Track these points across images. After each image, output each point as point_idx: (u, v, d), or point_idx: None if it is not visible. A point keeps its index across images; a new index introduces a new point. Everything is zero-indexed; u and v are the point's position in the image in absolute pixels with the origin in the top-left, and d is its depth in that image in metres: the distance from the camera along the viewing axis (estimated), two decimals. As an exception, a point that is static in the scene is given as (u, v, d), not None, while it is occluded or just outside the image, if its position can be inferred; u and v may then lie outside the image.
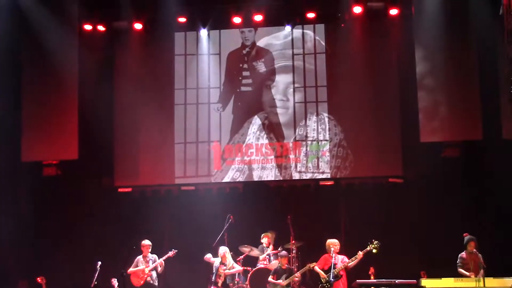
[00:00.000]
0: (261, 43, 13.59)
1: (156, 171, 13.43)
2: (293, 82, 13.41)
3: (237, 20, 13.22)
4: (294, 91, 13.40)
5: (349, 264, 10.31)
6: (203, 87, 13.60)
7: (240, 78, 13.61)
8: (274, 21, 13.31)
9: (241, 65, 13.61)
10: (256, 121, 13.50)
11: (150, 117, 13.55)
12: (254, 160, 13.36)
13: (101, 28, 13.38)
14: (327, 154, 13.08)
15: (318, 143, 13.16)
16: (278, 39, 13.54)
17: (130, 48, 13.60)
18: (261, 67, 13.55)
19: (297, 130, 13.33)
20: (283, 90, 13.45)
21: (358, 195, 12.86)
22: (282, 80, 13.47)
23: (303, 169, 13.18)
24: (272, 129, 13.43)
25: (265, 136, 13.42)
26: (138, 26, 13.34)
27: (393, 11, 12.80)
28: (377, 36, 13.07)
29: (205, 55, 13.63)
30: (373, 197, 12.60)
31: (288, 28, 13.27)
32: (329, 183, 13.08)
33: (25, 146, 12.73)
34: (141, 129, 13.57)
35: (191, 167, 13.42)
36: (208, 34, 13.54)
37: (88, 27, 13.29)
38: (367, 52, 13.04)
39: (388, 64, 13.09)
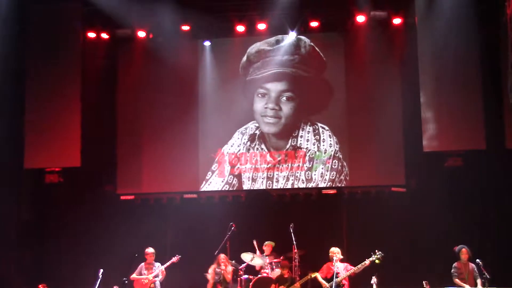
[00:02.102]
0: (252, 49, 13.41)
1: (158, 179, 13.41)
2: (286, 91, 13.27)
3: (240, 28, 13.21)
4: (287, 99, 13.28)
5: (355, 270, 10.28)
6: (202, 95, 13.56)
7: (232, 86, 13.50)
8: (277, 30, 13.21)
9: (234, 72, 13.47)
10: (247, 130, 13.46)
11: (152, 125, 13.55)
12: (245, 169, 13.26)
13: (104, 36, 13.41)
14: (330, 163, 13.03)
15: (317, 152, 13.09)
16: (270, 45, 13.32)
17: (133, 56, 13.63)
18: (253, 74, 13.40)
19: (290, 141, 13.25)
20: (275, 99, 13.31)
21: (360, 204, 12.86)
22: (274, 88, 13.31)
23: (296, 181, 13.11)
24: (264, 139, 13.34)
25: (256, 146, 13.33)
26: (141, 34, 13.36)
27: (397, 21, 12.77)
28: (380, 45, 13.01)
29: (207, 63, 13.60)
30: (375, 206, 12.60)
31: (293, 34, 13.08)
32: (331, 192, 13.06)
33: (28, 153, 12.70)
34: (144, 137, 13.58)
35: (187, 177, 13.37)
36: (211, 43, 13.52)
37: (91, 34, 13.32)
38: (370, 61, 12.99)
39: (391, 73, 13.06)
